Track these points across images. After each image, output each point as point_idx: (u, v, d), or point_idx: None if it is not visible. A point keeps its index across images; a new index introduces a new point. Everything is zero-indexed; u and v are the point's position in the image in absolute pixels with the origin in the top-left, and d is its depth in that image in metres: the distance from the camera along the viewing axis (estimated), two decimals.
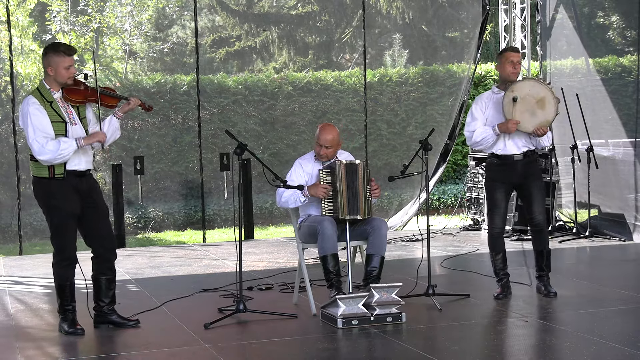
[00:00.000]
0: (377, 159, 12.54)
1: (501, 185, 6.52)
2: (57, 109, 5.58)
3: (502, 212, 6.55)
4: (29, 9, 11.85)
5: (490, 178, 6.61)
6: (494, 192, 6.54)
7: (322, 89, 12.83)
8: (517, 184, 6.54)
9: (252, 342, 5.44)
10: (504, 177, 6.50)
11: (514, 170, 6.47)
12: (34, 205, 10.76)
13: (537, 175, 6.57)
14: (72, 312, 5.75)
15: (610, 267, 8.16)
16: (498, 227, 6.55)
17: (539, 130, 6.32)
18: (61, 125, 5.57)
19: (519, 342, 5.41)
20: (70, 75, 5.61)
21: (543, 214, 6.56)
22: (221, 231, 11.80)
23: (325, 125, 6.49)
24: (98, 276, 5.83)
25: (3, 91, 11.03)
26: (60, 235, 5.65)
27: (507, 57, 6.46)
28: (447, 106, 12.17)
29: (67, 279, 5.70)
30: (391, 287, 5.83)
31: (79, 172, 5.65)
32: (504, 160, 6.48)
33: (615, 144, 10.15)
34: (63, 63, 5.57)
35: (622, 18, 11.07)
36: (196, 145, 11.23)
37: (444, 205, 14.06)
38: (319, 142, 6.38)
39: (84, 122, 5.70)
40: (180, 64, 13.08)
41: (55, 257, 5.70)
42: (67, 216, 5.64)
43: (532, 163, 6.53)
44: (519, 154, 6.46)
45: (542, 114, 6.33)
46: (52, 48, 5.65)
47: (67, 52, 5.62)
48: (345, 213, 6.17)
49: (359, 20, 12.72)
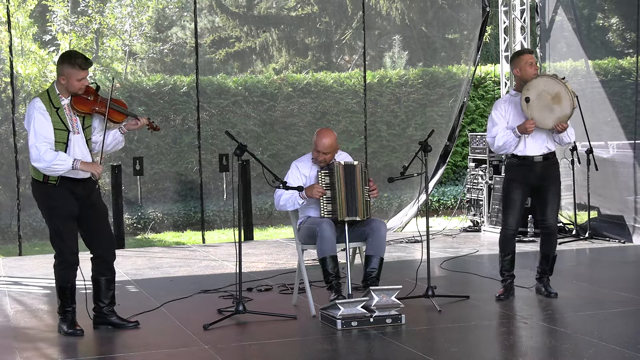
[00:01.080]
0: (377, 160, 12.54)
1: (519, 186, 6.51)
2: (62, 116, 5.57)
3: (517, 214, 6.54)
4: (29, 10, 11.85)
5: (509, 178, 6.61)
6: (511, 193, 6.53)
7: (321, 90, 12.83)
8: (535, 186, 6.54)
9: (251, 343, 5.44)
10: (523, 178, 6.50)
11: (532, 172, 6.47)
12: (33, 205, 10.76)
13: (555, 179, 6.57)
14: (72, 314, 5.75)
15: (609, 269, 8.16)
16: (512, 228, 6.55)
17: (559, 126, 6.33)
18: (64, 133, 5.56)
19: (518, 344, 5.41)
20: (81, 87, 5.61)
21: (555, 219, 6.58)
22: (221, 232, 11.80)
23: (322, 130, 6.46)
24: (97, 277, 5.83)
25: (3, 92, 11.02)
26: (60, 237, 5.64)
27: (526, 59, 6.46)
28: (446, 108, 12.17)
29: (67, 281, 5.70)
30: (391, 290, 5.83)
31: (74, 179, 5.64)
32: (523, 161, 6.48)
33: (615, 145, 10.15)
34: (77, 76, 5.57)
35: (622, 20, 11.07)
36: (196, 146, 11.23)
37: (443, 206, 14.05)
38: (317, 149, 6.37)
39: (87, 131, 5.69)
40: (180, 64, 13.09)
41: (56, 259, 5.70)
42: (65, 218, 5.64)
43: (551, 166, 6.55)
44: (538, 155, 6.46)
45: (559, 109, 6.33)
46: (68, 59, 5.59)
47: (83, 66, 5.58)
48: (344, 214, 6.17)
49: (359, 21, 12.73)
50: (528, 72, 6.43)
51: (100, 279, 5.82)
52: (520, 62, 6.48)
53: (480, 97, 15.11)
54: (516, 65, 6.51)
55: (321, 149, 6.34)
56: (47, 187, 5.60)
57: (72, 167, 5.49)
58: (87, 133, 5.71)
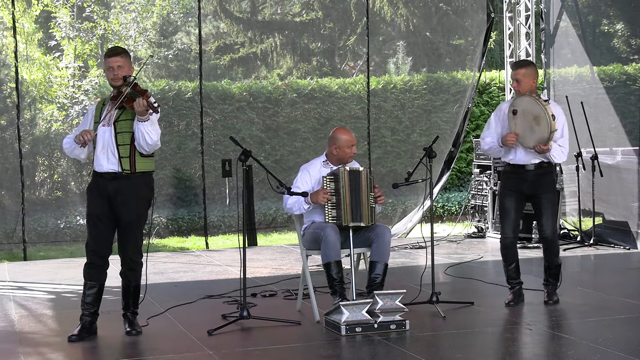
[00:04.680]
0: (381, 166, 12.54)
1: (511, 193, 6.51)
2: (102, 109, 5.75)
3: (511, 221, 6.52)
4: (34, 16, 11.88)
5: (502, 186, 6.63)
6: (504, 200, 6.53)
7: (326, 96, 12.83)
8: (529, 195, 6.53)
9: (255, 349, 5.44)
10: (515, 185, 6.50)
11: (524, 180, 6.46)
12: (38, 210, 10.78)
13: (549, 188, 6.53)
14: (86, 317, 5.75)
15: (614, 275, 8.14)
16: (508, 236, 6.53)
17: (537, 147, 6.32)
18: (96, 125, 5.73)
19: (523, 350, 5.40)
20: (111, 77, 5.72)
21: (551, 228, 6.52)
22: (225, 238, 11.80)
23: (338, 129, 6.51)
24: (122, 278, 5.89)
25: (8, 97, 11.05)
26: (88, 234, 5.77)
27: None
28: (451, 113, 12.17)
29: (89, 279, 5.73)
30: (395, 294, 5.83)
31: (99, 173, 5.70)
32: (515, 169, 6.49)
33: (620, 152, 10.13)
34: (105, 64, 5.76)
35: (627, 26, 11.06)
36: (199, 152, 11.25)
37: (447, 212, 14.03)
38: (342, 145, 6.36)
39: (118, 124, 5.69)
40: (184, 70, 13.10)
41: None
42: (90, 216, 5.75)
43: (545, 175, 6.49)
44: (530, 164, 6.46)
45: (539, 131, 6.34)
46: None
47: (108, 53, 5.77)
48: (348, 220, 6.16)
49: (363, 27, 12.73)
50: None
51: (123, 280, 5.87)
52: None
53: (485, 103, 15.10)
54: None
55: (346, 144, 6.34)
56: (88, 182, 5.88)
57: (75, 140, 5.69)
58: (118, 126, 5.69)
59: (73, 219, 10.99)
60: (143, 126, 5.61)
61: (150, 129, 5.63)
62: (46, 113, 11.68)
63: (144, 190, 5.80)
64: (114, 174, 5.68)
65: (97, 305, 5.79)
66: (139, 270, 5.83)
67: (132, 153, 5.69)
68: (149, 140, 5.63)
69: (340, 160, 6.38)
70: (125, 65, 5.74)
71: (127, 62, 5.76)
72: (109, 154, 5.69)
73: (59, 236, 10.86)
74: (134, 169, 5.69)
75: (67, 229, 10.95)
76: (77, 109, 11.75)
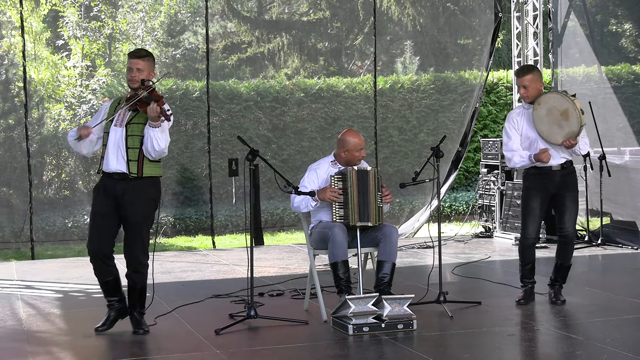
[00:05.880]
0: (389, 165, 12.53)
1: (538, 194, 6.51)
2: (117, 108, 5.78)
3: (536, 222, 6.53)
4: (42, 15, 11.90)
5: (527, 187, 6.60)
6: (530, 202, 6.52)
7: (333, 96, 12.84)
8: (553, 194, 6.53)
9: (262, 348, 5.44)
10: (541, 186, 6.50)
11: (551, 181, 6.48)
12: (46, 209, 10.80)
13: (573, 187, 6.59)
14: (110, 307, 5.86)
15: (622, 275, 8.12)
16: (531, 237, 6.54)
17: (567, 142, 6.35)
18: (108, 124, 5.77)
19: (530, 350, 5.39)
20: (129, 78, 5.76)
21: (573, 226, 6.57)
22: (232, 237, 11.81)
23: (348, 131, 6.48)
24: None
25: (16, 97, 11.07)
26: (89, 231, 5.83)
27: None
28: (459, 113, 12.16)
29: (98, 272, 5.81)
30: (403, 299, 5.81)
31: (108, 173, 5.74)
32: (541, 170, 6.49)
33: (628, 152, 10.11)
34: (128, 65, 5.79)
35: (635, 26, 11.03)
36: (207, 151, 11.27)
37: (455, 212, 14.02)
38: (351, 149, 6.34)
39: (130, 127, 5.71)
40: (192, 69, 13.11)
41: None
42: (92, 212, 5.81)
43: (570, 174, 6.55)
44: (557, 165, 6.47)
45: (567, 126, 6.37)
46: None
47: (132, 54, 5.80)
48: (355, 220, 6.16)
49: (370, 27, 12.73)
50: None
51: (128, 281, 5.89)
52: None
53: (492, 103, 15.09)
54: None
55: (354, 147, 6.33)
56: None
57: (76, 133, 5.78)
58: (130, 128, 5.71)
59: (81, 218, 11.02)
60: (153, 132, 5.64)
61: (160, 135, 5.66)
62: (54, 112, 11.70)
63: (151, 192, 5.81)
64: (122, 174, 5.70)
65: (117, 295, 5.88)
66: (144, 273, 5.84)
67: (140, 157, 5.71)
68: (156, 147, 5.66)
69: (349, 162, 6.37)
70: (146, 69, 5.76)
71: (149, 66, 5.78)
72: (118, 155, 5.71)
73: (66, 235, 10.89)
74: (141, 173, 5.70)
75: (74, 228, 10.98)
76: (84, 108, 11.77)
